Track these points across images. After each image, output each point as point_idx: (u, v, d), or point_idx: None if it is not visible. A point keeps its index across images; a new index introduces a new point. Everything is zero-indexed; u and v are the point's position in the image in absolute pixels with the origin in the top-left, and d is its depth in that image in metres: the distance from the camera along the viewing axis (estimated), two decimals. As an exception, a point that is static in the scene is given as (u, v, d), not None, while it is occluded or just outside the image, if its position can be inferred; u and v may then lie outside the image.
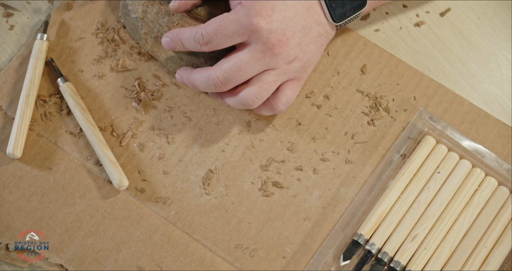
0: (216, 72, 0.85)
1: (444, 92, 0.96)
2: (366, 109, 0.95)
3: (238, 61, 0.84)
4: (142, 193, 0.90)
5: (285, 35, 0.84)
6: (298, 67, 0.88)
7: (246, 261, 0.88)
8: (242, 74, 0.84)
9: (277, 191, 0.91)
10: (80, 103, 0.92)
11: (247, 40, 0.84)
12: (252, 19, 0.82)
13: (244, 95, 0.86)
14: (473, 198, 0.90)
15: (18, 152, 0.89)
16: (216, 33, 0.83)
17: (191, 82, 0.89)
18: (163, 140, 0.93)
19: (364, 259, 0.87)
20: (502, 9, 1.02)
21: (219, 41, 0.84)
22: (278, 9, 0.84)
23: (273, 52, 0.84)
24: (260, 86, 0.85)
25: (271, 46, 0.84)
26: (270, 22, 0.83)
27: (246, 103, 0.87)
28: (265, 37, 0.83)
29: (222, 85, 0.85)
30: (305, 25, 0.86)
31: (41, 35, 0.95)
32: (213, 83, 0.85)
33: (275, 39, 0.84)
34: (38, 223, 0.88)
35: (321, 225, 0.90)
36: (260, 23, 0.82)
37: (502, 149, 0.93)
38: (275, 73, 0.86)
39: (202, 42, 0.84)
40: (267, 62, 0.84)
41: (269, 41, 0.83)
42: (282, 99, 0.89)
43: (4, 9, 1.00)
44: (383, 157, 0.92)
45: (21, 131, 0.89)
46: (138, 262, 0.87)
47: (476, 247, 0.88)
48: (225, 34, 0.83)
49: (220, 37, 0.83)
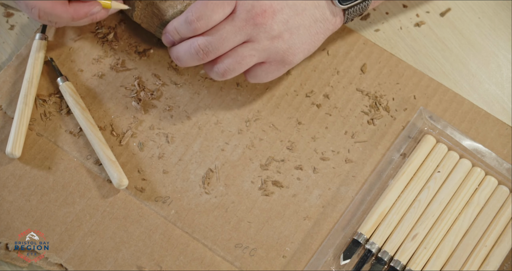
0: (198, 40, 0.84)
1: (444, 91, 0.96)
2: (366, 108, 0.95)
3: (220, 29, 0.83)
4: (142, 192, 0.90)
5: (271, 6, 0.83)
6: (280, 48, 0.85)
7: (246, 260, 0.88)
8: (223, 43, 0.83)
9: (277, 190, 0.91)
10: (79, 103, 0.92)
11: (235, 9, 0.83)
12: None
13: (218, 65, 0.85)
14: (473, 197, 0.90)
15: (17, 151, 0.89)
16: (206, 6, 0.82)
17: (175, 54, 0.88)
18: (162, 139, 0.93)
19: (364, 258, 0.87)
20: (502, 9, 1.02)
21: (209, 14, 0.82)
22: None
23: (255, 22, 0.82)
24: (234, 57, 0.84)
25: (254, 15, 0.82)
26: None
27: (218, 73, 0.86)
28: (250, 4, 0.82)
29: (204, 54, 0.84)
30: (299, 5, 0.84)
31: (40, 35, 0.95)
32: (195, 51, 0.84)
33: (260, 9, 0.82)
34: (37, 222, 0.88)
35: (321, 224, 0.90)
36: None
37: (502, 148, 0.93)
38: (252, 47, 0.84)
39: (192, 18, 0.83)
40: (248, 32, 0.83)
41: (253, 9, 0.82)
42: (250, 73, 0.88)
43: (4, 9, 1.00)
44: (383, 156, 0.92)
45: (20, 131, 0.89)
46: (138, 261, 0.87)
47: (476, 246, 0.87)
48: (214, 4, 0.82)
49: (210, 7, 0.82)
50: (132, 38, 0.97)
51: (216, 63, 0.86)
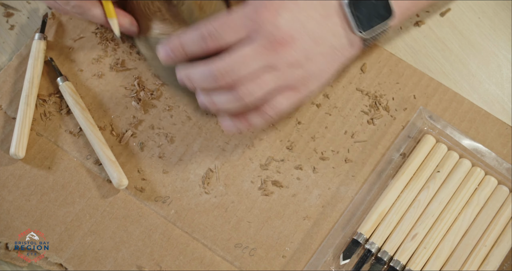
0: (216, 63, 0.82)
1: (444, 91, 0.96)
2: (366, 108, 0.95)
3: (240, 53, 0.81)
4: (142, 192, 0.90)
5: (291, 35, 0.82)
6: (299, 76, 0.84)
7: (245, 260, 0.88)
8: (243, 67, 0.81)
9: (276, 190, 0.91)
10: (79, 103, 0.92)
11: (252, 35, 0.82)
12: (259, 12, 0.81)
13: (239, 89, 0.83)
14: (473, 197, 0.90)
15: (21, 152, 0.89)
16: (222, 26, 0.81)
17: (187, 76, 0.85)
18: (162, 139, 0.93)
19: (364, 258, 0.87)
20: (502, 9, 1.02)
21: (225, 35, 0.81)
22: (287, 8, 0.82)
23: (275, 50, 0.81)
24: (255, 81, 0.82)
25: (275, 43, 0.81)
26: (276, 17, 0.81)
27: (239, 97, 0.82)
28: (270, 32, 0.81)
29: (220, 77, 0.82)
30: (317, 33, 0.84)
31: (39, 35, 0.95)
32: (212, 74, 0.82)
33: (280, 37, 0.81)
34: (37, 222, 0.88)
35: (321, 224, 0.90)
36: (266, 16, 0.81)
37: (502, 148, 0.93)
38: (273, 73, 0.83)
39: (207, 35, 0.81)
40: (268, 59, 0.82)
41: (273, 37, 0.81)
42: (271, 103, 0.85)
43: (4, 9, 1.00)
44: (383, 156, 0.92)
45: (22, 132, 0.89)
46: (138, 261, 0.87)
47: (476, 246, 0.87)
48: (232, 26, 0.81)
49: (226, 30, 0.81)
50: (131, 38, 0.97)
51: (235, 87, 0.83)
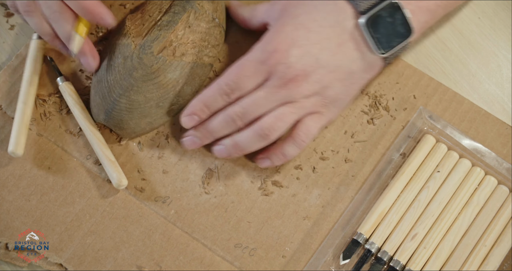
0: (232, 108, 0.84)
1: (444, 91, 0.96)
2: (366, 108, 0.95)
3: (255, 96, 0.83)
4: (142, 192, 0.90)
5: (303, 70, 0.82)
6: (317, 102, 0.85)
7: (245, 260, 0.88)
8: (258, 108, 0.83)
9: (276, 190, 0.91)
10: (79, 103, 0.92)
11: (268, 78, 0.83)
12: (271, 56, 0.82)
13: (260, 124, 0.84)
14: (473, 197, 0.90)
15: (20, 150, 0.89)
16: (239, 77, 0.82)
17: (206, 129, 0.87)
18: (162, 139, 0.92)
19: (364, 258, 0.87)
20: (502, 9, 1.02)
21: (243, 85, 0.83)
22: (298, 45, 0.82)
23: (289, 87, 0.82)
24: (276, 116, 0.83)
25: (287, 81, 0.82)
26: (287, 57, 0.82)
27: (262, 133, 0.84)
28: (282, 72, 0.82)
29: (238, 119, 0.84)
30: (332, 62, 0.84)
31: (37, 34, 0.95)
32: (230, 118, 0.84)
33: (292, 74, 0.82)
34: (37, 222, 0.88)
35: (321, 224, 0.89)
36: (277, 58, 0.82)
37: (502, 147, 0.93)
38: (291, 106, 0.84)
39: (229, 91, 0.83)
40: (283, 96, 0.83)
41: (285, 76, 0.82)
42: (302, 128, 0.85)
43: (4, 9, 1.00)
44: (383, 156, 0.92)
45: (20, 130, 0.89)
46: (138, 261, 0.87)
47: (475, 246, 0.87)
48: (247, 75, 0.82)
49: (243, 80, 0.82)
50: (132, 38, 0.97)
51: (256, 124, 0.84)
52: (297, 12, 0.85)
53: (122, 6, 0.98)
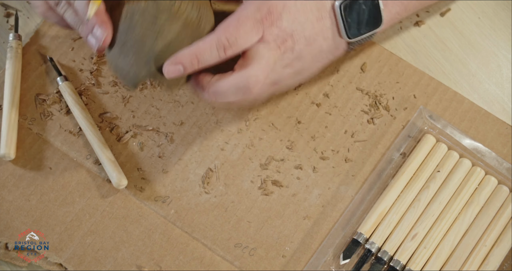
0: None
1: (444, 90, 0.96)
2: (366, 107, 0.95)
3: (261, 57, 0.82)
4: (142, 191, 0.90)
5: (292, 36, 0.83)
6: (288, 75, 0.86)
7: (245, 260, 0.88)
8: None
9: (276, 189, 0.91)
10: (79, 103, 0.92)
11: (263, 37, 0.82)
12: (265, 14, 0.81)
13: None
14: (473, 196, 0.90)
15: (12, 153, 0.89)
16: (239, 32, 0.80)
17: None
18: (162, 139, 0.92)
19: (364, 258, 0.87)
20: (502, 9, 1.02)
21: (242, 41, 0.81)
22: (288, 10, 0.82)
23: (281, 50, 0.83)
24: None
25: (280, 44, 0.82)
26: (279, 19, 0.82)
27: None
28: (275, 34, 0.82)
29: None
30: (311, 34, 0.84)
31: (14, 35, 0.95)
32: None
33: (283, 38, 0.83)
34: (37, 222, 0.88)
35: (321, 224, 0.89)
36: (271, 19, 0.81)
37: (502, 147, 0.93)
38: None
39: (228, 45, 0.80)
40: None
41: (278, 39, 0.82)
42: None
43: (4, 9, 1.00)
44: (383, 156, 0.92)
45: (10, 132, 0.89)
46: (138, 261, 0.87)
47: (476, 246, 0.87)
48: (246, 31, 0.81)
49: (243, 36, 0.81)
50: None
51: None
52: None
53: None
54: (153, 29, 0.80)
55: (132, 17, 0.80)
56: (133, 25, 0.80)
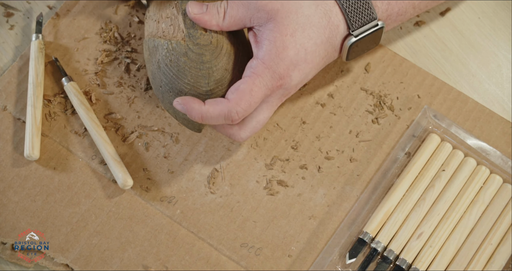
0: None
1: (448, 90, 0.96)
2: (371, 107, 0.95)
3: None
4: (147, 192, 0.90)
5: (295, 86, 0.86)
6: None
7: (251, 259, 0.88)
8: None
9: (282, 189, 0.91)
10: (84, 103, 0.91)
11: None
12: (276, 82, 0.81)
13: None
14: (478, 195, 0.90)
15: (35, 153, 0.89)
16: (250, 106, 0.81)
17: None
18: (167, 139, 0.92)
19: (370, 257, 0.87)
20: (502, 9, 1.02)
21: (250, 111, 0.82)
22: (298, 68, 0.82)
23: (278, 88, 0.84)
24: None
25: (282, 97, 0.86)
26: (289, 82, 0.83)
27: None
28: (281, 94, 0.85)
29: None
30: (314, 72, 0.86)
31: (36, 35, 0.95)
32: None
33: (287, 93, 0.86)
34: (43, 223, 0.88)
35: (327, 224, 0.90)
36: (280, 83, 0.82)
37: (507, 146, 0.93)
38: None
39: (236, 119, 0.81)
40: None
41: (283, 95, 0.86)
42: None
43: (4, 9, 1.00)
44: (388, 155, 0.93)
45: (33, 133, 0.89)
46: (144, 261, 0.87)
47: (481, 245, 0.88)
48: (256, 102, 0.81)
49: (252, 107, 0.81)
50: (137, 39, 0.97)
51: None
52: (292, 26, 0.82)
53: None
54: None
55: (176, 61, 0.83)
56: (183, 71, 0.83)
